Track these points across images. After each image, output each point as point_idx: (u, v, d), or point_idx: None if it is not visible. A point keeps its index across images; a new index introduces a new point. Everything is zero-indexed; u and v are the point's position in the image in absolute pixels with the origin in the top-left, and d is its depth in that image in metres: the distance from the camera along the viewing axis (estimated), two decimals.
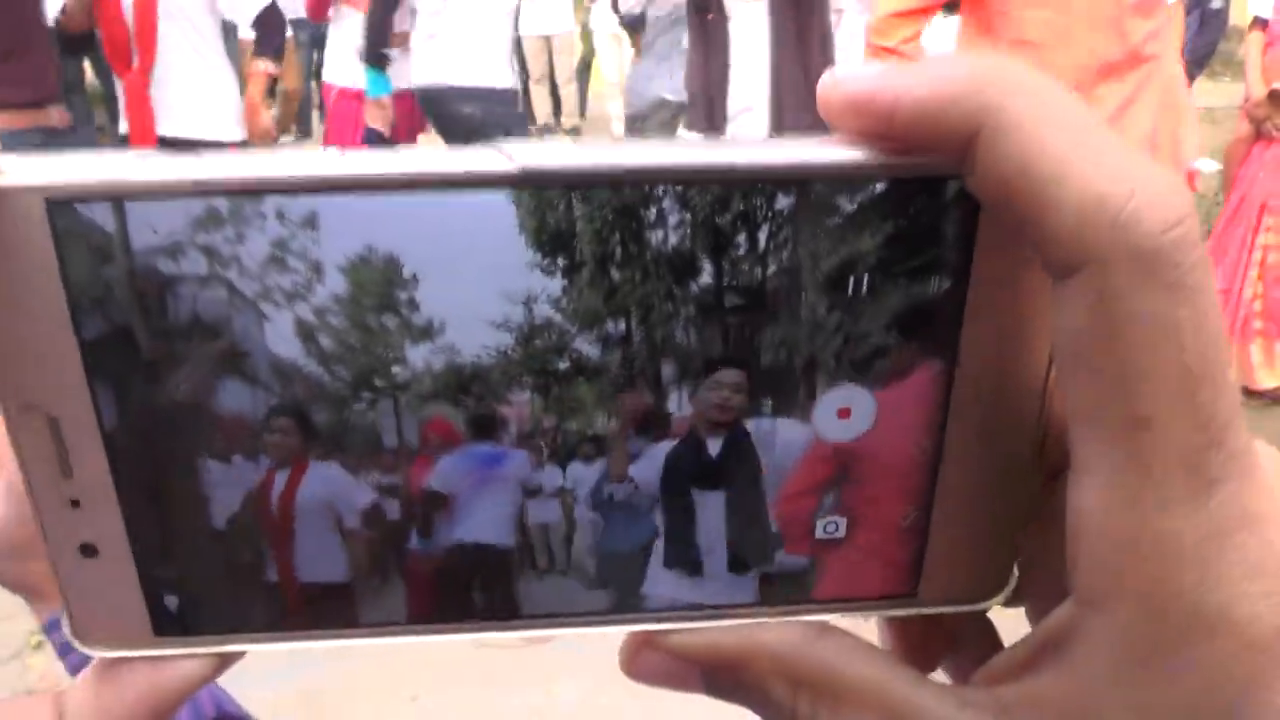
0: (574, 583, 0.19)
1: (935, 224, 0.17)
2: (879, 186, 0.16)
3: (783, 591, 0.20)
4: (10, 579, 0.61)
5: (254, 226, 0.16)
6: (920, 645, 0.22)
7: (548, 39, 7.62)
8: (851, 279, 0.17)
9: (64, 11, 2.99)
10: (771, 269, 0.17)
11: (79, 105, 6.97)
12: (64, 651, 0.64)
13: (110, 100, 3.37)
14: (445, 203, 0.16)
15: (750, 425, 0.18)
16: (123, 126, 3.26)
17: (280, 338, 0.16)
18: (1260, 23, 3.82)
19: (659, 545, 0.19)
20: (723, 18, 2.62)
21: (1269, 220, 3.64)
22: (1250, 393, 3.71)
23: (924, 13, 2.28)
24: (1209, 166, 6.20)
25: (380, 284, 0.16)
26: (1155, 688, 0.16)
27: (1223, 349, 0.16)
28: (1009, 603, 0.21)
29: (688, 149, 0.16)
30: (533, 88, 8.06)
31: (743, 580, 0.20)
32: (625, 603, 0.20)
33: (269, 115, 4.35)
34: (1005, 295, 0.17)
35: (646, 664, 0.20)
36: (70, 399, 0.17)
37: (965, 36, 2.34)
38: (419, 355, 0.17)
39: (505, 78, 3.79)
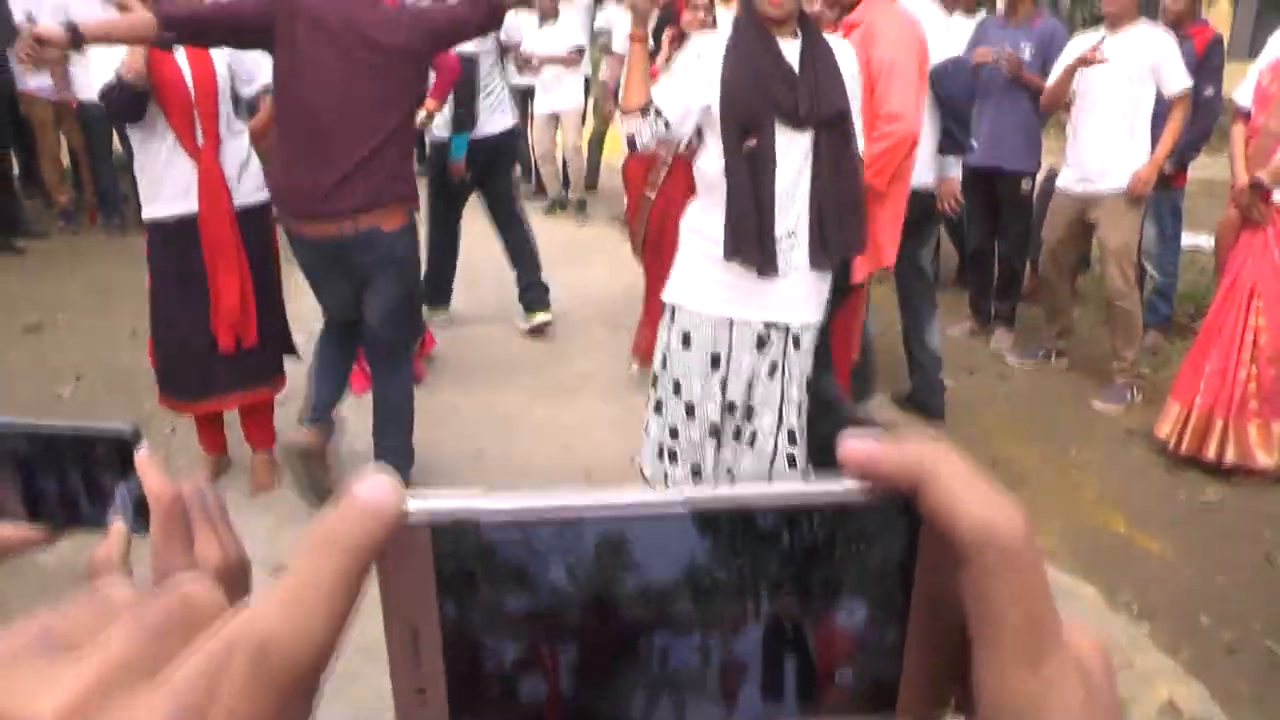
0: (709, 704, 0.32)
1: (902, 522, 0.30)
2: (872, 503, 0.30)
3: (822, 710, 0.33)
4: None
5: (545, 521, 0.29)
6: None
7: (556, 116, 7.85)
8: (856, 545, 0.31)
9: (131, 70, 3.06)
10: (818, 537, 0.30)
11: (105, 173, 7.24)
12: None
13: (131, 171, 3.45)
14: (652, 516, 0.29)
15: (800, 618, 0.31)
16: (162, 209, 3.32)
17: (555, 573, 0.30)
18: (1243, 115, 3.95)
19: (756, 682, 0.32)
20: (770, 144, 2.68)
21: (1258, 303, 3.74)
22: (1248, 471, 3.79)
23: None
24: (1209, 243, 6.35)
25: (613, 549, 0.29)
26: None
27: (1048, 593, 0.29)
28: None
29: (772, 489, 0.30)
30: (541, 164, 8.28)
31: (800, 701, 0.32)
32: (734, 717, 0.32)
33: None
34: (938, 560, 0.30)
35: None
36: (426, 616, 0.30)
37: None
38: (629, 584, 0.30)
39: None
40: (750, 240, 2.72)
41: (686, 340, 2.85)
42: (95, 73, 3.15)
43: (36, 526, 0.71)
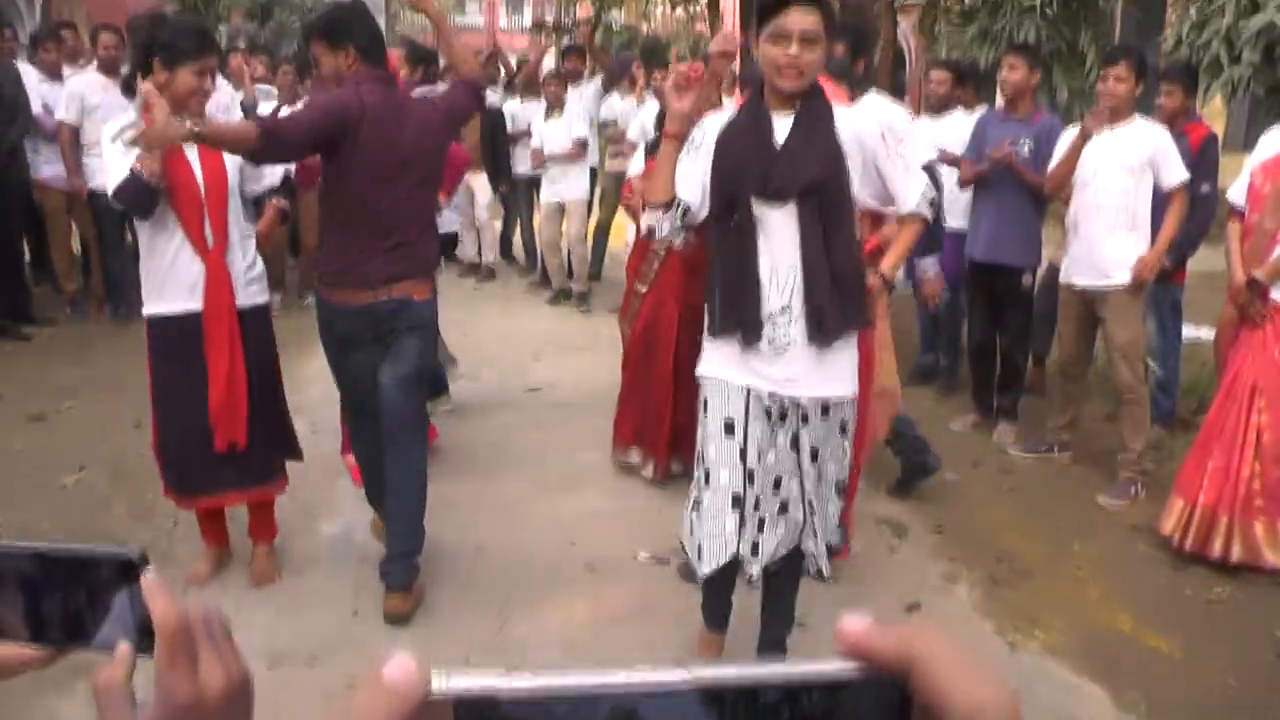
0: None
1: (894, 697, 0.32)
2: (867, 680, 0.32)
3: None
4: None
5: (560, 699, 0.31)
6: None
7: (562, 206, 7.97)
8: (854, 711, 0.32)
9: (147, 168, 3.11)
10: (816, 711, 0.32)
11: (115, 262, 7.32)
12: None
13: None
14: (660, 693, 0.31)
15: None
16: (166, 306, 3.34)
17: None
18: (1238, 213, 4.01)
19: None
20: (748, 218, 2.67)
21: (1260, 402, 3.74)
22: (1255, 569, 3.75)
23: None
24: (1210, 335, 6.38)
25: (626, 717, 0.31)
26: None
27: None
28: None
29: (771, 669, 0.32)
30: (547, 253, 8.37)
31: None
32: None
33: (282, 233, 5.21)
34: None
35: None
36: None
37: None
38: None
39: None
40: (731, 315, 2.73)
41: (705, 406, 2.84)
42: (111, 166, 3.18)
43: (38, 646, 0.71)
